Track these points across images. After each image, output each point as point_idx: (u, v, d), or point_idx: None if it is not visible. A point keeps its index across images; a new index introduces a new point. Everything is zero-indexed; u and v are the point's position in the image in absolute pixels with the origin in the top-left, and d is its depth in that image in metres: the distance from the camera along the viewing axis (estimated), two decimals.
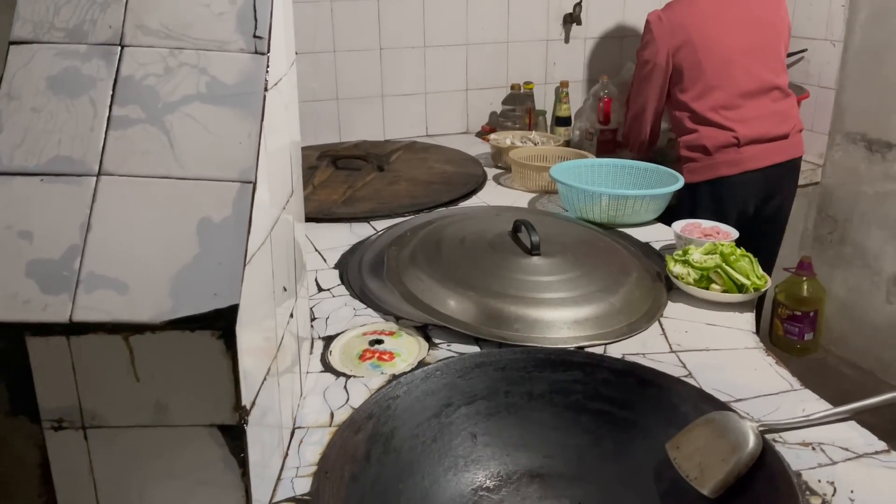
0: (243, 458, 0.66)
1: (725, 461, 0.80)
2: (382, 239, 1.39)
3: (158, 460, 0.65)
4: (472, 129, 2.39)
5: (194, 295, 0.62)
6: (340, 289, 1.23)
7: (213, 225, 0.64)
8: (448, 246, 1.20)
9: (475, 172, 1.85)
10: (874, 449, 0.82)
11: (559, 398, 0.95)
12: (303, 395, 0.93)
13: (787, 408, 0.89)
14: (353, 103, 2.21)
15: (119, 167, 0.65)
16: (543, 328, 1.04)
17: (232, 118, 0.68)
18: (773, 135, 1.90)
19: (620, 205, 1.45)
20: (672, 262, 1.20)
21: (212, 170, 0.66)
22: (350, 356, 1.01)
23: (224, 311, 0.61)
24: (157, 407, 0.64)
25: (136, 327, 0.61)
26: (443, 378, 0.94)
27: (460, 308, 1.06)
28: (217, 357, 0.62)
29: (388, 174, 1.81)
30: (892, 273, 2.29)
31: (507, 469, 0.92)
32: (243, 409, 0.64)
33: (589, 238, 1.32)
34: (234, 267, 0.63)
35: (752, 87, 1.88)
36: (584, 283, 1.12)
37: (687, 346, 1.04)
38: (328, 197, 1.64)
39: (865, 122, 2.31)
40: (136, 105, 0.67)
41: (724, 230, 1.34)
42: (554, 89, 2.45)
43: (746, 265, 1.15)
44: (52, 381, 0.62)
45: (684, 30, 1.86)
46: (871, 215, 2.34)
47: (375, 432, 0.86)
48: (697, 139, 1.88)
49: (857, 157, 2.35)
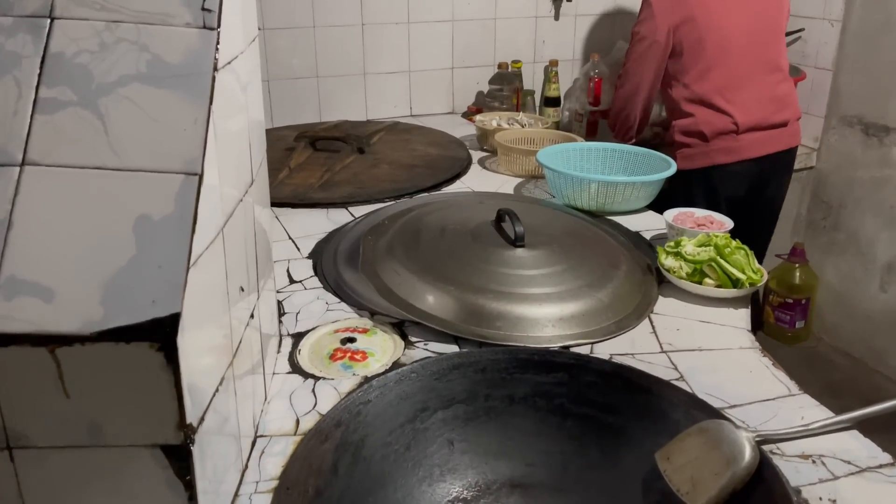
0: (189, 481, 0.59)
1: (719, 475, 0.74)
2: (360, 226, 1.32)
3: (95, 483, 0.59)
4: (458, 110, 2.31)
5: (130, 302, 0.55)
6: (313, 280, 1.16)
7: (152, 223, 0.57)
8: (427, 236, 1.13)
9: (460, 156, 1.78)
10: (878, 462, 0.76)
11: (542, 402, 0.89)
12: (267, 400, 0.86)
13: (785, 414, 0.84)
14: (333, 81, 2.12)
15: (46, 156, 0.58)
16: (527, 326, 0.98)
17: (176, 102, 0.61)
18: (771, 122, 1.83)
19: (610, 192, 1.39)
20: (663, 255, 1.14)
21: (152, 160, 0.59)
22: (320, 356, 0.95)
23: (163, 321, 0.54)
24: (91, 426, 0.57)
25: (63, 339, 0.54)
26: (418, 380, 0.88)
27: (439, 304, 1.00)
28: (156, 371, 0.55)
29: (368, 156, 1.73)
30: (885, 261, 2.24)
31: (485, 478, 0.86)
32: (189, 428, 0.58)
33: (576, 228, 1.25)
34: (175, 270, 0.56)
35: (754, 68, 1.80)
36: (570, 277, 1.05)
37: (678, 345, 0.98)
38: (305, 180, 1.56)
39: (863, 105, 2.25)
40: (66, 86, 0.60)
41: (719, 220, 1.28)
42: (543, 68, 2.36)
43: (742, 258, 1.09)
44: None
45: (686, 5, 1.78)
46: (866, 201, 2.29)
47: (344, 441, 0.80)
48: (694, 124, 1.81)
49: (853, 142, 2.29)
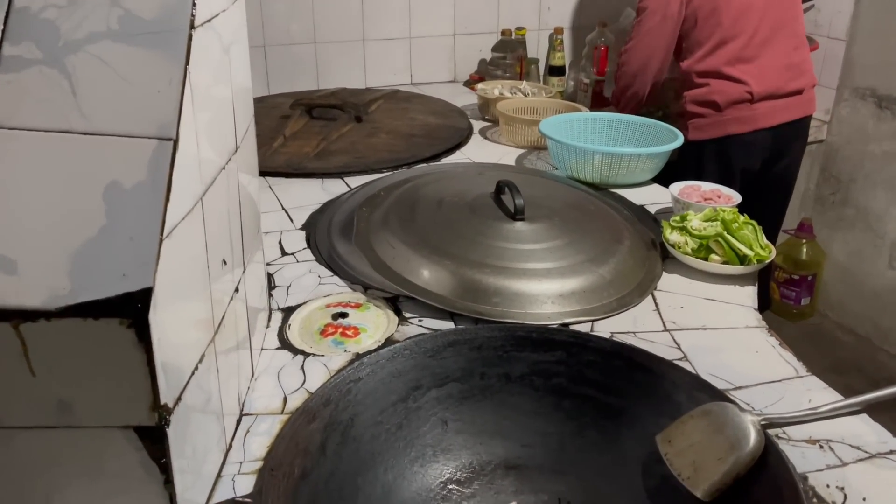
0: (165, 464, 0.56)
1: (722, 460, 0.71)
2: (356, 197, 1.28)
3: (67, 465, 0.56)
4: (460, 78, 2.25)
5: (99, 276, 0.51)
6: (306, 253, 1.13)
7: (123, 191, 0.53)
8: (424, 208, 1.09)
9: (460, 125, 1.73)
10: (889, 448, 0.73)
11: (540, 381, 0.86)
12: (254, 377, 0.83)
13: (792, 397, 0.81)
14: (332, 48, 2.06)
15: (9, 118, 0.54)
16: (525, 303, 0.94)
17: (149, 61, 0.57)
18: (787, 90, 1.77)
19: (615, 163, 1.34)
20: (668, 229, 1.10)
21: (123, 124, 0.55)
22: (310, 331, 0.92)
23: (134, 296, 0.51)
24: (60, 406, 0.54)
25: (27, 314, 0.50)
26: (412, 358, 0.85)
27: (434, 278, 0.96)
28: (128, 349, 0.52)
29: (366, 125, 1.68)
30: (895, 237, 2.20)
31: (480, 459, 0.83)
32: (163, 408, 0.55)
33: (579, 201, 1.21)
34: (147, 242, 0.52)
35: (771, 34, 1.73)
36: (571, 251, 1.02)
37: (682, 324, 0.94)
38: (300, 149, 1.52)
39: (876, 77, 2.19)
40: (31, 42, 0.56)
41: (727, 193, 1.23)
42: (548, 36, 2.30)
43: (750, 234, 1.05)
44: None
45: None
46: (877, 176, 2.24)
47: (333, 420, 0.77)
48: (708, 94, 1.75)
49: (865, 114, 2.24)
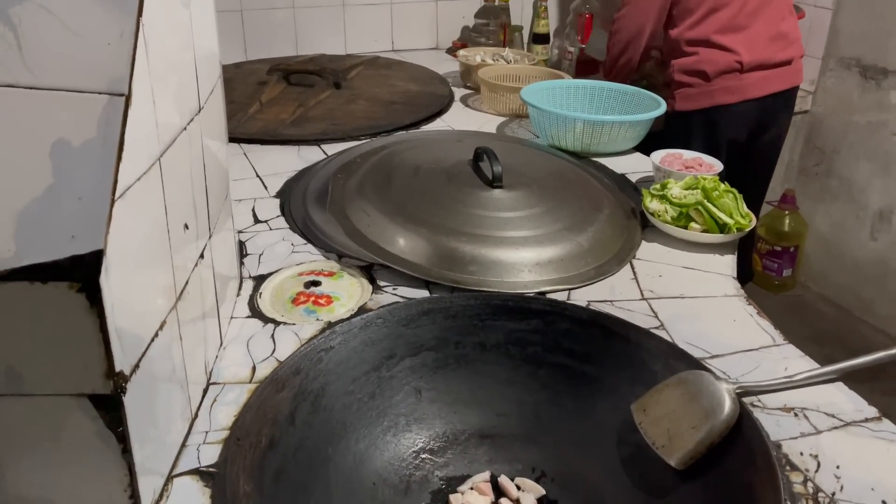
0: (122, 433, 0.54)
1: (696, 429, 0.70)
2: (332, 165, 1.25)
3: (18, 434, 0.54)
4: (442, 45, 2.21)
5: (45, 238, 0.49)
6: (280, 221, 1.10)
7: (71, 149, 0.51)
8: (400, 175, 1.07)
9: (441, 92, 1.70)
10: (864, 416, 0.73)
11: (515, 350, 0.85)
12: (223, 346, 0.82)
13: (768, 366, 0.80)
14: (310, 13, 2.01)
15: None
16: (501, 271, 0.93)
17: (99, 13, 0.54)
18: (776, 60, 1.74)
19: (596, 132, 1.32)
20: (649, 198, 1.08)
21: (72, 78, 0.52)
22: (282, 300, 0.90)
23: (84, 259, 0.49)
24: (9, 373, 0.52)
25: None
26: (385, 326, 0.83)
27: (410, 246, 0.94)
28: (79, 314, 0.50)
29: (345, 92, 1.65)
30: (878, 208, 2.20)
31: (454, 429, 0.82)
32: (119, 376, 0.53)
33: (559, 169, 1.19)
34: (98, 203, 0.50)
35: (761, 3, 1.70)
36: (549, 220, 1.00)
37: (660, 292, 0.93)
38: (276, 116, 1.49)
39: (861, 47, 2.17)
40: None
41: (708, 162, 1.22)
42: (532, 3, 2.26)
43: (730, 202, 1.04)
44: None
45: None
46: (861, 147, 2.23)
47: (302, 389, 0.75)
48: (696, 63, 1.72)
49: (850, 85, 2.22)
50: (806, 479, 0.65)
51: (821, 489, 0.64)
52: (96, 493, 0.57)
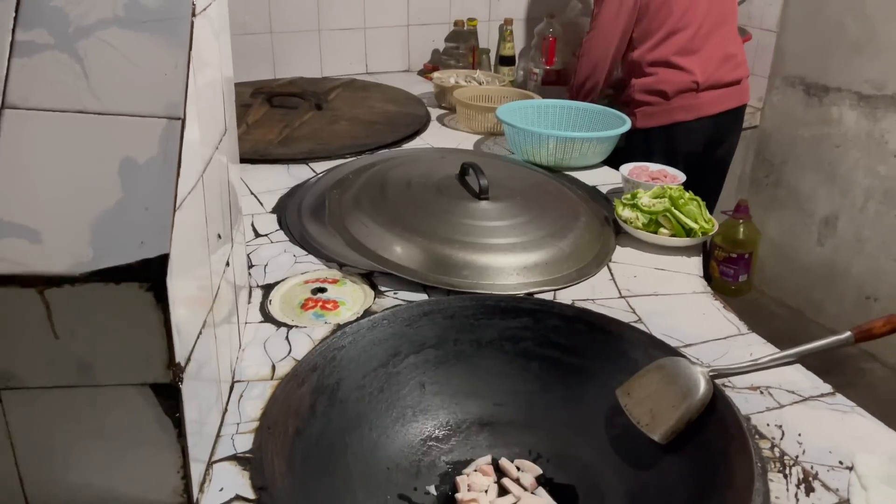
0: (178, 418, 0.61)
1: (676, 407, 0.79)
2: (323, 181, 1.33)
3: (84, 422, 0.60)
4: (414, 68, 2.31)
5: (118, 244, 0.56)
6: (279, 234, 1.17)
7: (137, 166, 0.58)
8: (393, 189, 1.15)
9: (418, 113, 1.79)
10: (819, 392, 0.83)
11: (509, 345, 0.93)
12: (241, 348, 0.88)
13: (736, 352, 0.90)
14: (287, 37, 2.09)
15: (25, 99, 0.58)
16: (492, 274, 1.01)
17: (155, 46, 0.61)
18: (727, 80, 1.89)
19: (568, 147, 1.42)
20: (621, 206, 1.18)
21: (134, 104, 0.59)
22: (291, 305, 0.97)
23: (153, 262, 0.56)
24: (81, 366, 0.58)
25: (52, 280, 0.54)
26: (390, 327, 0.90)
27: (407, 254, 1.02)
28: (146, 311, 0.56)
29: (327, 113, 1.73)
30: (823, 215, 2.35)
31: (456, 418, 0.90)
32: (177, 367, 0.59)
33: (537, 181, 1.29)
34: (162, 212, 0.57)
35: (713, 28, 1.85)
36: (532, 227, 1.09)
37: (636, 291, 1.03)
38: (263, 136, 1.55)
39: (804, 66, 2.34)
40: (43, 29, 0.59)
41: (672, 173, 1.33)
42: (498, 27, 2.37)
43: (695, 209, 1.14)
44: None
45: None
46: (806, 158, 2.38)
47: (320, 384, 0.82)
48: (656, 83, 1.85)
49: (795, 101, 2.38)
50: (773, 446, 0.75)
51: (786, 453, 0.74)
52: (153, 476, 0.63)
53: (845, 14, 2.17)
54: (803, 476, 0.71)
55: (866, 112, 2.15)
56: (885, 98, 2.10)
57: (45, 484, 0.62)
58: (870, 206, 2.19)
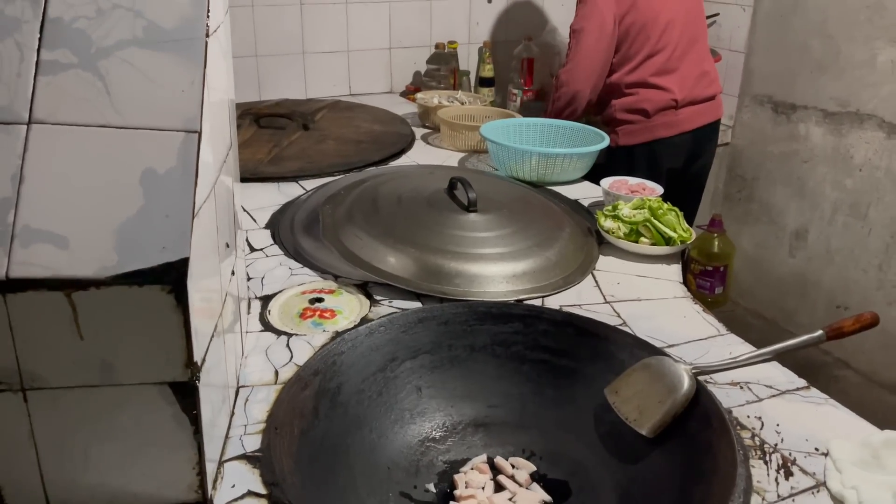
0: (195, 416, 0.64)
1: (662, 403, 0.83)
2: (314, 198, 1.36)
3: (105, 421, 0.63)
4: (396, 89, 2.36)
5: (141, 249, 0.59)
6: (274, 248, 1.20)
7: (157, 176, 0.61)
8: (385, 204, 1.19)
9: (403, 132, 1.84)
10: (795, 386, 0.88)
11: (501, 349, 0.97)
12: (244, 355, 0.91)
13: (716, 351, 0.95)
14: (272, 60, 2.14)
15: (51, 115, 0.61)
16: (483, 283, 1.05)
17: (173, 65, 0.65)
18: (703, 96, 1.97)
19: (550, 163, 1.48)
20: (603, 218, 1.24)
21: (153, 119, 0.63)
22: (290, 315, 1.00)
23: (174, 265, 0.59)
24: (103, 366, 0.61)
25: (79, 283, 0.58)
26: (387, 333, 0.94)
27: (400, 265, 1.06)
28: (167, 313, 0.60)
29: (314, 133, 1.77)
30: (794, 228, 2.43)
31: (452, 419, 0.93)
32: (195, 366, 0.63)
33: (522, 195, 1.34)
34: (182, 219, 0.61)
35: (688, 47, 1.93)
36: (520, 238, 1.14)
37: (620, 296, 1.08)
38: (253, 156, 1.59)
39: (772, 85, 2.43)
40: (66, 49, 0.63)
41: (650, 186, 1.39)
42: (477, 49, 2.44)
43: (673, 219, 1.20)
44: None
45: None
46: (776, 174, 2.47)
47: (322, 388, 0.86)
48: (637, 102, 1.92)
49: (764, 119, 2.47)
50: (754, 435, 0.79)
51: (766, 442, 0.78)
52: (169, 473, 0.66)
53: (810, 35, 2.27)
54: (782, 462, 0.76)
55: (832, 128, 2.25)
56: (850, 115, 2.19)
57: (65, 483, 0.65)
58: (838, 219, 2.27)
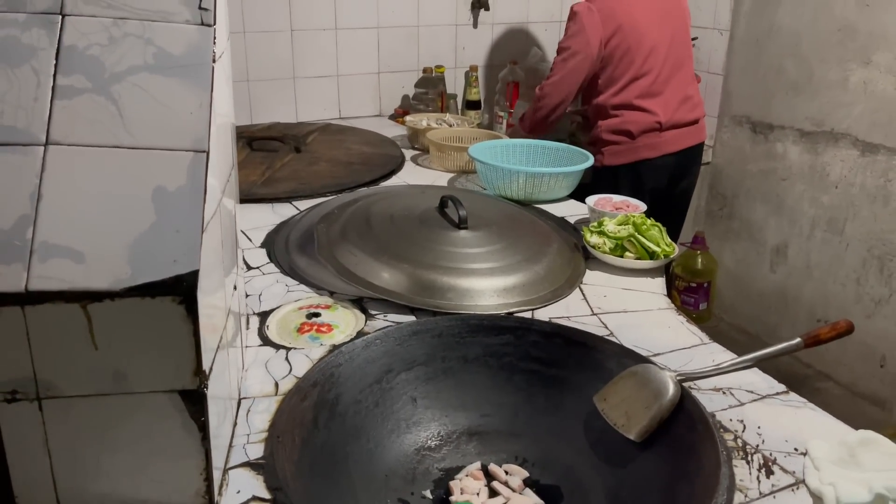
0: (203, 423, 0.67)
1: (649, 408, 0.87)
2: (308, 218, 1.40)
3: (116, 428, 0.66)
4: (385, 112, 2.41)
5: (153, 262, 0.62)
6: (270, 266, 1.24)
7: (168, 193, 0.65)
8: (378, 222, 1.23)
9: (393, 153, 1.88)
10: (775, 391, 0.92)
11: (493, 360, 1.00)
12: (245, 368, 0.94)
13: (700, 359, 0.98)
14: (264, 84, 2.18)
15: (67, 136, 0.65)
16: (474, 296, 1.09)
17: (181, 89, 0.69)
18: (687, 120, 2.04)
19: (537, 182, 1.52)
20: (589, 233, 1.28)
21: (164, 139, 0.67)
22: (288, 330, 1.03)
23: (184, 277, 0.62)
24: (116, 375, 0.64)
25: (94, 295, 0.61)
26: (382, 346, 0.97)
27: (394, 280, 1.10)
28: (178, 323, 0.63)
29: (306, 155, 1.81)
30: (774, 244, 2.49)
31: (447, 429, 0.96)
32: (203, 374, 0.66)
33: (510, 213, 1.38)
34: (192, 234, 0.64)
35: (672, 71, 2.00)
36: (509, 253, 1.18)
37: (607, 308, 1.11)
38: (247, 178, 1.63)
39: (750, 106, 2.50)
40: (80, 74, 0.67)
41: (634, 203, 1.43)
42: (464, 73, 2.50)
43: (656, 234, 1.24)
44: (6, 353, 0.61)
45: (615, 18, 1.92)
46: (756, 191, 2.53)
47: (321, 399, 0.89)
48: (622, 124, 1.98)
49: (742, 138, 2.54)
50: (736, 437, 0.83)
51: (748, 443, 0.82)
52: (177, 479, 0.69)
53: (785, 58, 2.35)
54: (763, 462, 0.79)
55: (808, 147, 2.31)
56: (825, 133, 2.26)
57: (77, 492, 0.67)
58: (816, 234, 2.33)
